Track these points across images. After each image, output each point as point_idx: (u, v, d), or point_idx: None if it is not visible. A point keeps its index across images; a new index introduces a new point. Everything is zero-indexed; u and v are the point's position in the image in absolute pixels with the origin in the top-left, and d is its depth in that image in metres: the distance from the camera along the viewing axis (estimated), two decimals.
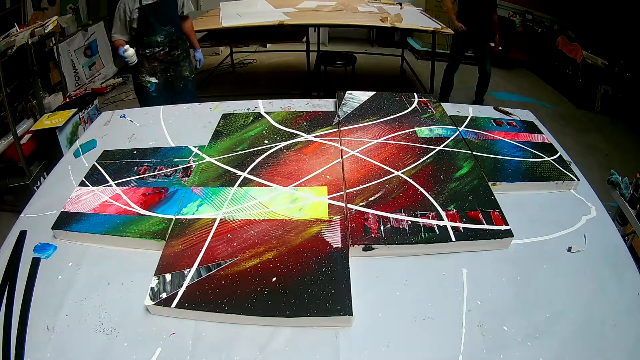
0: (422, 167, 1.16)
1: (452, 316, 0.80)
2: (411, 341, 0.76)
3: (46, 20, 2.68)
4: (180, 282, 0.83)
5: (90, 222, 0.99)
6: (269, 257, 0.88)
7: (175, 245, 0.92)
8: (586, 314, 0.82)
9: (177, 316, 0.80)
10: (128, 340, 0.76)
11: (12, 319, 0.80)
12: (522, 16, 4.83)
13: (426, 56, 4.82)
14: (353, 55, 3.62)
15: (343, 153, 1.23)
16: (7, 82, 2.33)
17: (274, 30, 3.39)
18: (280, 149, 1.26)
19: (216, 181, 1.12)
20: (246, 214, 1.00)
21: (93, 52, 4.10)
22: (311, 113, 1.49)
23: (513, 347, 0.75)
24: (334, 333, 0.77)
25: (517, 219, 1.00)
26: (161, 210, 1.02)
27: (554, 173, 1.17)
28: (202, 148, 1.28)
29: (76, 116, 2.54)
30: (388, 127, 1.37)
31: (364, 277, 0.87)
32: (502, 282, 0.88)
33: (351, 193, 1.06)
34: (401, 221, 0.97)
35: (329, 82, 3.70)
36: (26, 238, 1.00)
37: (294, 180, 1.11)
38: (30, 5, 3.37)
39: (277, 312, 0.78)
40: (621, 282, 0.89)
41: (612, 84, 3.77)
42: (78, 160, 1.29)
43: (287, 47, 4.28)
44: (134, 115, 1.53)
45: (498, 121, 1.45)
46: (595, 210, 1.08)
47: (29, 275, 0.89)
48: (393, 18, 3.32)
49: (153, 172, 1.17)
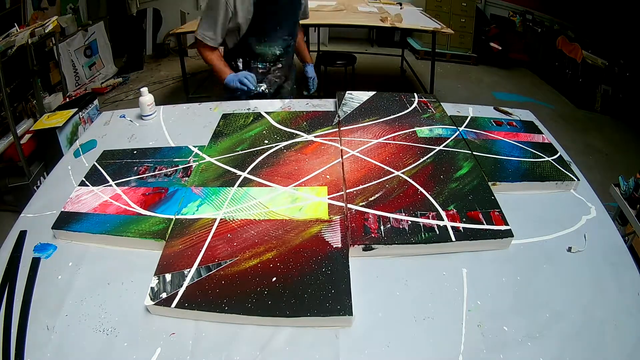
0: (422, 167, 1.16)
1: (452, 316, 0.80)
2: (411, 341, 0.76)
3: (46, 20, 2.68)
4: (180, 282, 0.83)
5: (90, 222, 0.99)
6: (269, 257, 0.88)
7: (175, 245, 0.92)
8: (586, 314, 0.82)
9: (177, 316, 0.80)
10: (128, 340, 0.76)
11: (12, 319, 0.80)
12: (522, 16, 4.83)
13: (426, 56, 4.82)
14: (353, 55, 3.62)
15: (343, 153, 1.23)
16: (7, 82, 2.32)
17: None
18: (280, 149, 1.26)
19: (216, 181, 1.12)
20: (246, 214, 1.00)
21: (93, 52, 4.10)
22: (311, 113, 1.49)
23: (513, 347, 0.75)
24: (334, 333, 0.77)
25: (517, 219, 1.00)
26: (161, 210, 1.02)
27: (554, 173, 1.17)
28: (202, 148, 1.28)
29: (76, 116, 2.54)
30: (388, 127, 1.37)
31: (364, 277, 0.87)
32: (502, 282, 0.88)
33: (351, 193, 1.06)
34: (401, 221, 0.97)
35: (329, 82, 3.70)
36: (26, 238, 1.00)
37: (294, 180, 1.11)
38: (30, 5, 3.37)
39: (277, 312, 0.78)
40: (621, 282, 0.89)
41: (612, 84, 3.77)
42: (78, 160, 1.29)
43: None
44: (134, 116, 1.53)
45: (498, 121, 1.45)
46: (595, 210, 1.08)
47: (29, 275, 0.89)
48: (393, 18, 3.32)
49: (153, 172, 1.17)
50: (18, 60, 2.51)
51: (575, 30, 4.27)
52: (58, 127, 2.34)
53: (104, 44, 4.26)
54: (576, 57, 3.98)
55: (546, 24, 4.61)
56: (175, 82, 4.26)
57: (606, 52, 3.78)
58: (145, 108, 1.49)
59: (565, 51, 4.14)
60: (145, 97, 1.49)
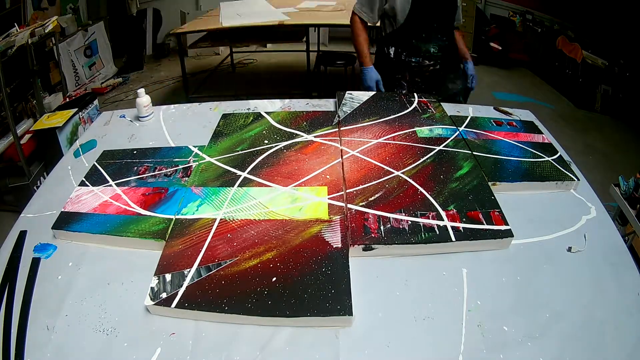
0: (422, 167, 1.16)
1: (452, 316, 0.80)
2: (411, 341, 0.76)
3: (46, 20, 2.68)
4: (180, 282, 0.83)
5: (90, 222, 0.99)
6: (269, 257, 0.88)
7: (175, 245, 0.92)
8: (586, 314, 0.82)
9: (177, 316, 0.80)
10: (128, 340, 0.76)
11: (12, 319, 0.80)
12: (522, 16, 4.83)
13: None
14: (353, 55, 3.62)
15: (343, 153, 1.23)
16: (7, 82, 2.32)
17: (274, 30, 3.39)
18: (280, 149, 1.26)
19: (216, 181, 1.12)
20: (246, 214, 1.00)
21: (93, 52, 4.10)
22: (311, 113, 1.49)
23: (513, 347, 0.75)
24: (334, 333, 0.77)
25: (517, 219, 1.00)
26: (161, 210, 1.02)
27: (554, 173, 1.17)
28: (202, 148, 1.28)
29: (76, 116, 2.54)
30: (388, 127, 1.37)
31: (364, 277, 0.87)
32: (502, 282, 0.88)
33: (351, 193, 1.06)
34: (401, 221, 0.97)
35: (329, 82, 3.70)
36: (26, 238, 1.00)
37: (294, 180, 1.11)
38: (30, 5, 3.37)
39: (277, 312, 0.78)
40: (621, 282, 0.89)
41: (612, 84, 3.76)
42: (78, 160, 1.29)
43: (287, 47, 4.28)
44: (133, 116, 1.53)
45: (498, 121, 1.45)
46: (595, 210, 1.08)
47: (29, 275, 0.89)
48: None
49: (153, 172, 1.17)
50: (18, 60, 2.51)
51: (575, 30, 4.26)
52: (58, 127, 2.34)
53: (104, 44, 4.26)
54: (576, 57, 3.98)
55: (546, 24, 4.60)
56: (175, 82, 4.26)
57: (606, 52, 3.78)
58: (142, 109, 1.49)
59: (565, 51, 4.14)
60: (142, 99, 1.48)
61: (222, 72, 4.51)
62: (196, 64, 4.72)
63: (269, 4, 3.77)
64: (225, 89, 4.12)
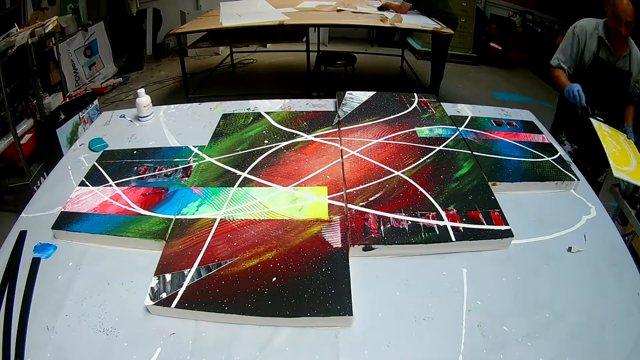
0: (422, 167, 1.16)
1: (452, 316, 0.80)
2: (411, 341, 0.76)
3: (46, 20, 2.68)
4: (180, 282, 0.83)
5: (90, 222, 0.99)
6: (269, 257, 0.88)
7: (175, 245, 0.92)
8: (586, 314, 0.82)
9: (177, 316, 0.80)
10: (128, 340, 0.76)
11: (12, 319, 0.80)
12: (522, 16, 4.83)
13: (426, 56, 4.81)
14: (353, 55, 3.62)
15: (343, 153, 1.23)
16: (7, 82, 2.32)
17: (274, 30, 3.39)
18: (280, 149, 1.26)
19: (216, 181, 1.12)
20: (246, 214, 1.00)
21: (93, 52, 4.10)
22: (311, 113, 1.49)
23: (513, 347, 0.75)
24: (334, 333, 0.77)
25: (517, 219, 1.00)
26: (161, 210, 1.02)
27: (554, 173, 1.17)
28: (202, 148, 1.28)
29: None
30: (388, 127, 1.37)
31: (364, 277, 0.87)
32: (502, 282, 0.88)
33: (351, 193, 1.06)
34: (401, 221, 0.97)
35: (329, 82, 3.70)
36: (26, 238, 1.00)
37: (294, 180, 1.11)
38: (30, 5, 3.37)
39: (277, 312, 0.78)
40: (621, 282, 0.89)
41: None
42: (78, 161, 1.29)
43: (287, 47, 4.27)
44: (133, 116, 1.53)
45: (498, 121, 1.45)
46: (595, 210, 1.08)
47: (29, 275, 0.89)
48: (393, 18, 3.32)
49: (153, 172, 1.17)
50: (18, 60, 2.51)
51: None
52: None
53: (104, 44, 4.25)
54: None
55: (546, 24, 4.60)
56: (175, 82, 4.26)
57: None
58: (142, 109, 1.48)
59: None
60: (142, 99, 1.48)
61: (222, 72, 4.51)
62: (196, 64, 4.71)
63: (269, 4, 3.77)
64: (225, 89, 4.11)
